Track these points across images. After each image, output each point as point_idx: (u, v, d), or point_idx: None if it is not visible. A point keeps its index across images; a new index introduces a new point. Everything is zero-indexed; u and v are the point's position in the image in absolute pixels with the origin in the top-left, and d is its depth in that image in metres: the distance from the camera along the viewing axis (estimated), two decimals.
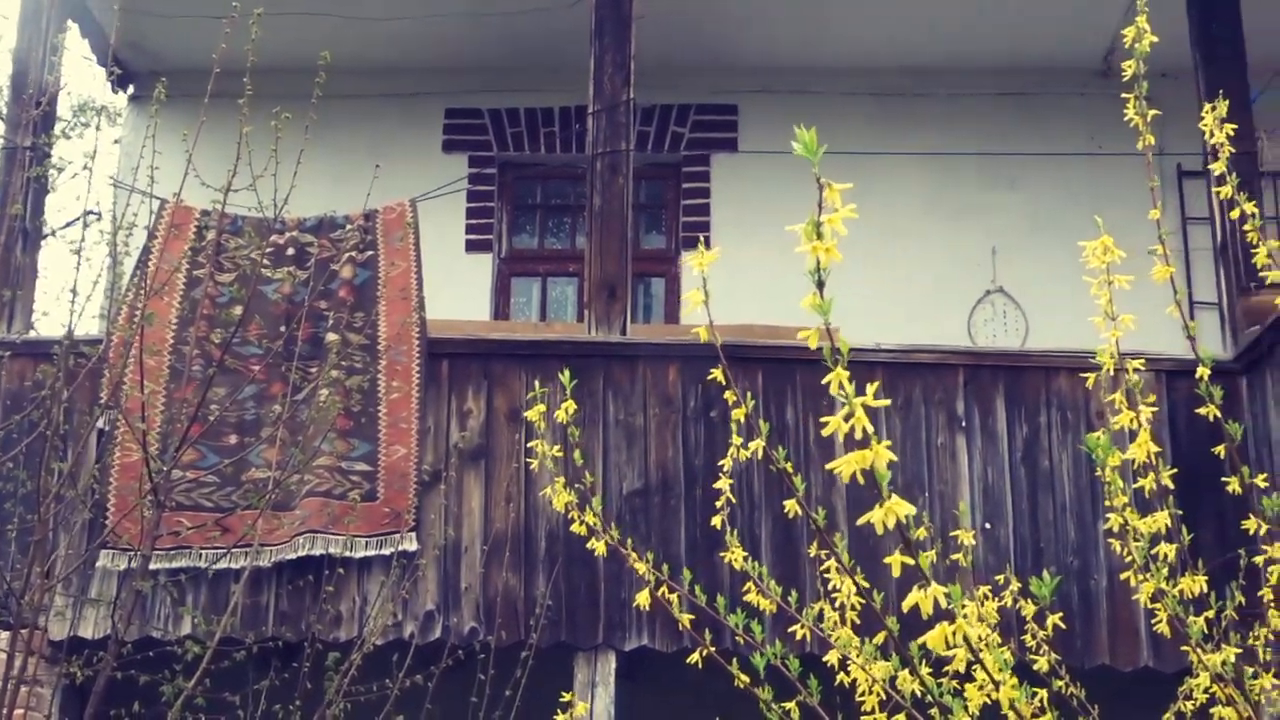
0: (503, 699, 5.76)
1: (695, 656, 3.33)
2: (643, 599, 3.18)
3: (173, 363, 6.67)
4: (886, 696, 2.72)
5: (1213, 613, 3.08)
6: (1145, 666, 6.33)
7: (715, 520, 3.14)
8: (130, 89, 9.54)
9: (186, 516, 6.34)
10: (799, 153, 2.00)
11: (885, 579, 2.17)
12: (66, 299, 5.26)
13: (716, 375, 2.47)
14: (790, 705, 3.07)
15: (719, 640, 3.39)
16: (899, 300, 8.70)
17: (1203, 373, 3.05)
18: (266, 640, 6.13)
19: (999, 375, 6.79)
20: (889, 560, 2.07)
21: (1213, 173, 3.14)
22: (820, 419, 2.03)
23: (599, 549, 3.26)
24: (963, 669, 2.32)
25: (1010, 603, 3.60)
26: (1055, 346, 6.98)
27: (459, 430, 6.70)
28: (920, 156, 8.96)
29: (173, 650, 5.73)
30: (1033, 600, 2.67)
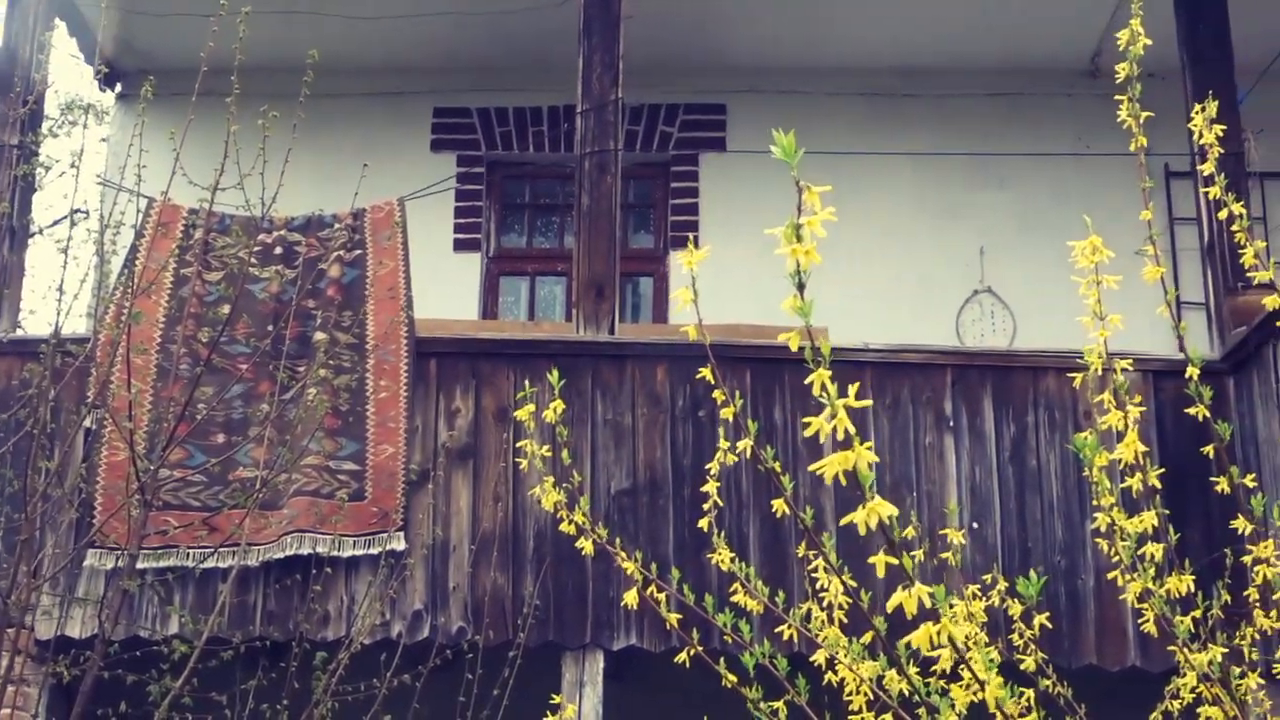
0: (490, 698, 5.76)
1: (683, 656, 3.33)
2: (630, 598, 3.18)
3: (160, 361, 6.66)
4: (874, 696, 2.73)
5: (1199, 612, 3.08)
6: (1132, 666, 6.34)
7: (703, 522, 3.14)
8: (118, 87, 9.53)
9: (174, 515, 6.33)
10: (778, 156, 2.00)
11: (873, 578, 2.17)
12: (53, 298, 5.25)
13: (705, 374, 2.47)
14: (778, 704, 3.07)
15: (707, 639, 3.38)
16: (887, 300, 8.71)
17: (1192, 373, 3.06)
18: (254, 640, 6.12)
19: (987, 375, 6.80)
20: (873, 560, 2.07)
21: (1201, 173, 3.14)
22: (808, 419, 2.02)
23: (587, 548, 3.26)
24: (949, 669, 2.32)
25: (998, 602, 3.60)
26: (1043, 346, 6.99)
27: (447, 430, 6.70)
28: (908, 156, 8.97)
29: (160, 650, 5.72)
30: (1019, 600, 2.67)
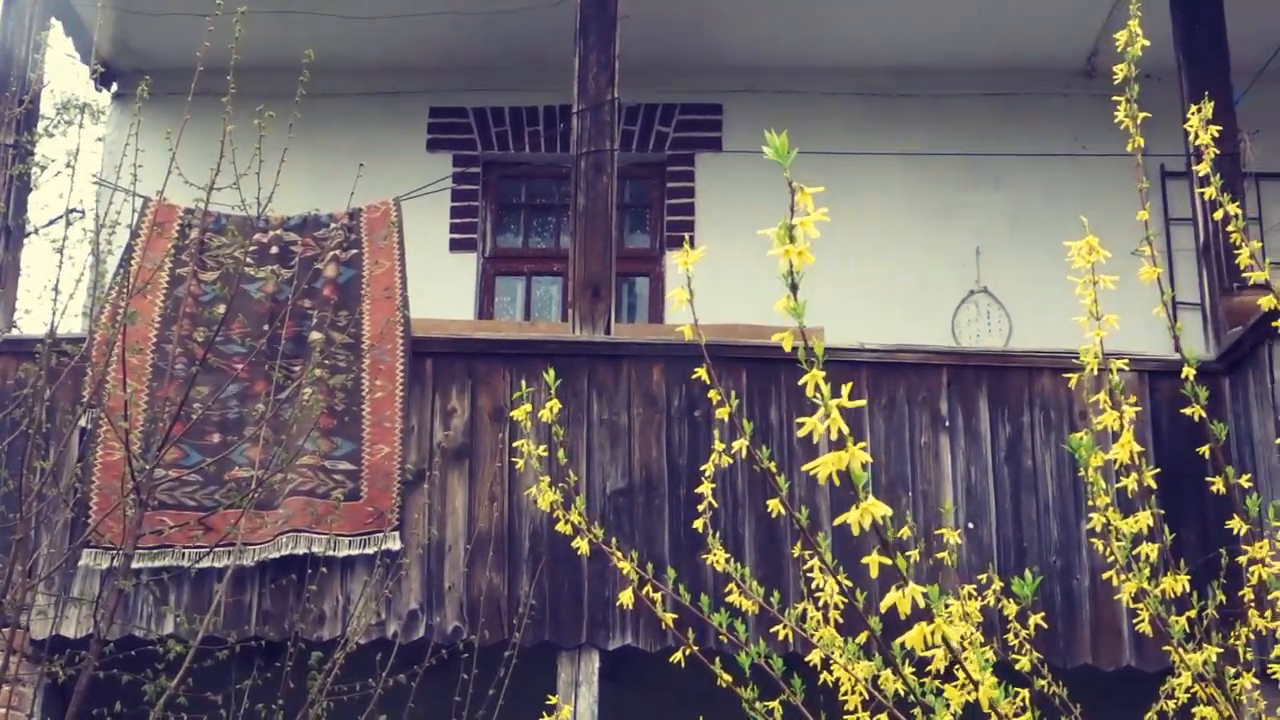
0: (486, 698, 5.76)
1: (678, 655, 3.33)
2: (626, 598, 3.18)
3: (156, 361, 6.66)
4: (869, 696, 2.72)
5: (1194, 612, 3.09)
6: (1128, 666, 6.35)
7: (698, 523, 3.13)
8: (114, 87, 9.52)
9: (169, 515, 6.33)
10: (770, 157, 2.00)
11: (868, 578, 2.17)
12: (49, 297, 5.27)
13: (701, 374, 2.47)
14: (774, 704, 3.07)
15: (703, 639, 3.38)
16: (883, 300, 8.72)
17: (1188, 373, 3.06)
18: (249, 639, 6.11)
19: (982, 375, 6.80)
20: (867, 560, 2.07)
21: (1196, 174, 3.14)
22: (803, 419, 2.02)
23: (583, 548, 3.26)
24: (944, 669, 2.32)
25: (993, 602, 3.61)
26: (1038, 347, 7.00)
27: (443, 429, 6.69)
28: (904, 156, 8.97)
29: (155, 649, 5.71)
30: (1015, 600, 2.67)
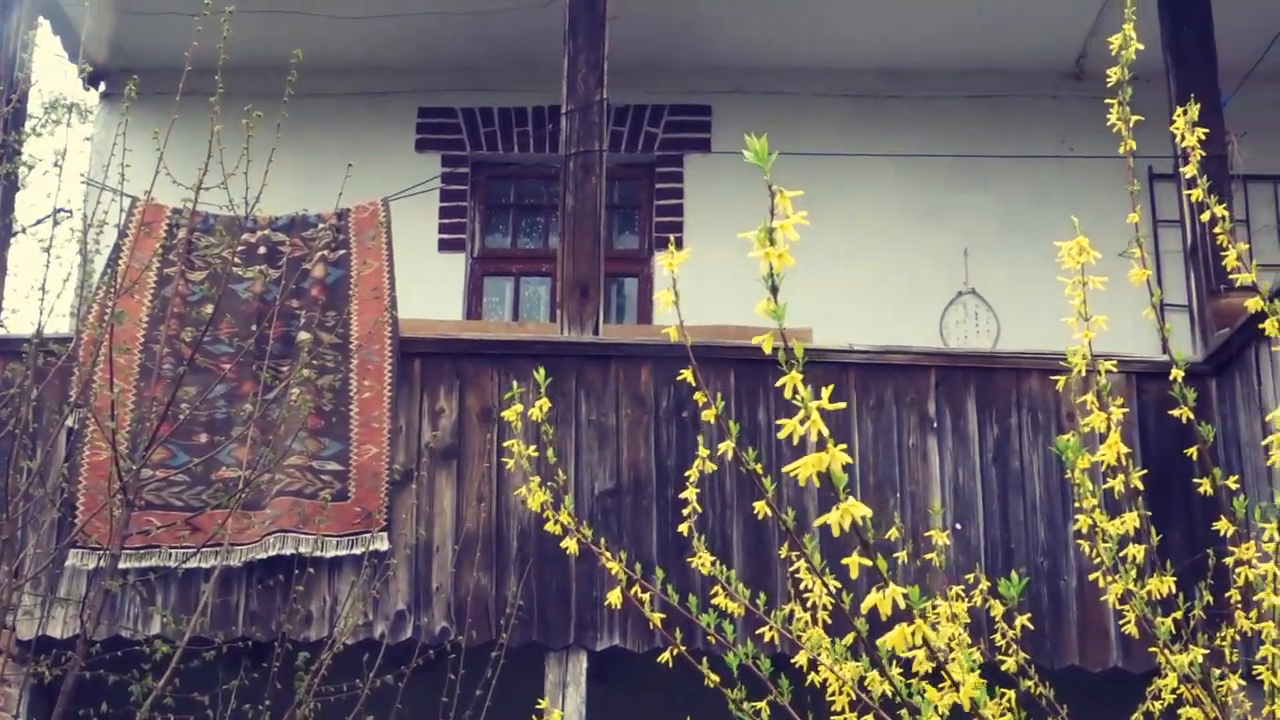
0: (473, 699, 5.75)
1: (666, 656, 3.33)
2: (614, 598, 3.17)
3: (143, 361, 6.64)
4: (856, 697, 2.73)
5: (1180, 613, 3.09)
6: (1114, 667, 6.36)
7: (683, 527, 3.13)
8: (102, 86, 9.50)
9: (156, 515, 6.31)
10: (751, 160, 1.99)
11: (857, 579, 2.17)
12: (36, 297, 5.22)
13: (686, 376, 2.47)
14: (761, 705, 3.07)
15: (690, 640, 3.38)
16: (871, 301, 8.72)
17: (1177, 374, 3.06)
18: (236, 640, 6.10)
19: (970, 376, 6.81)
20: (847, 561, 2.07)
21: (1184, 176, 3.15)
22: (791, 420, 2.02)
23: (571, 548, 3.25)
24: (931, 669, 2.32)
25: (980, 603, 3.61)
26: (1026, 348, 7.00)
27: (431, 430, 6.69)
28: (893, 158, 8.98)
29: (142, 650, 5.70)
30: (1001, 601, 2.67)
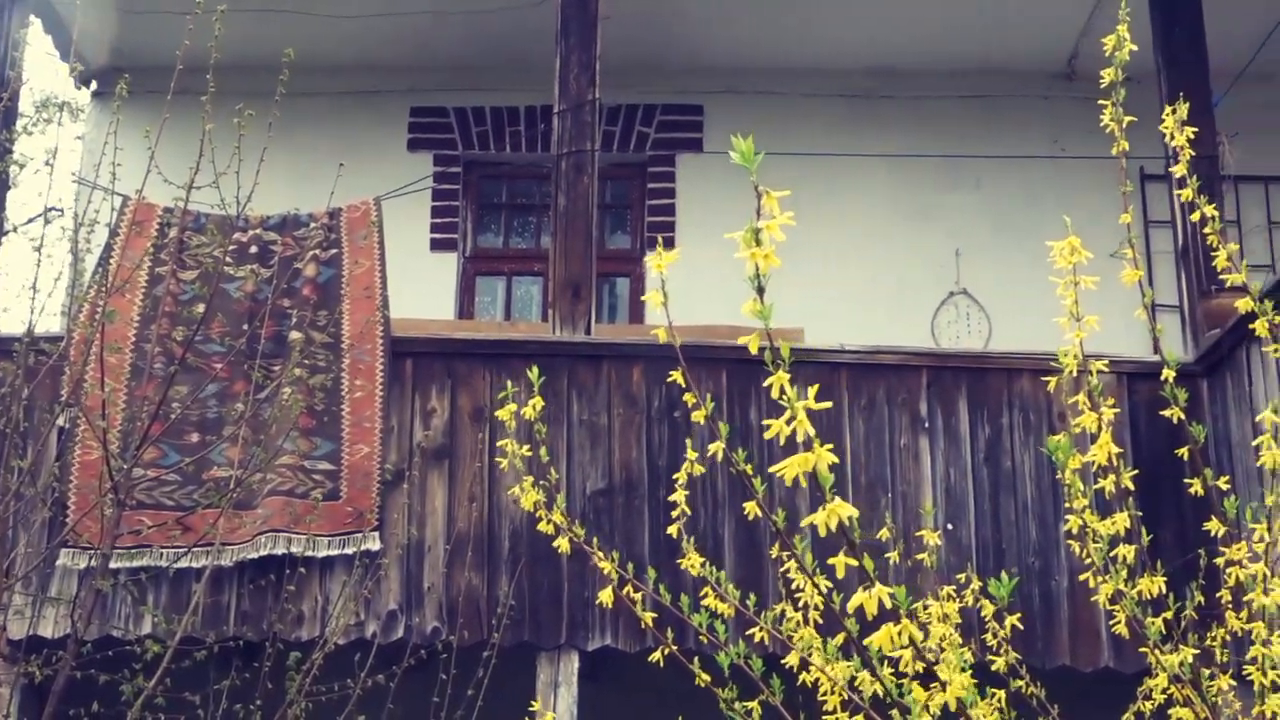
0: (465, 699, 5.75)
1: (657, 655, 3.32)
2: (605, 596, 3.17)
3: (134, 360, 6.64)
4: (848, 697, 2.73)
5: (1171, 614, 3.09)
6: (1106, 667, 6.36)
7: (672, 529, 3.12)
8: (93, 85, 9.48)
9: (147, 515, 6.30)
10: (737, 161, 1.99)
11: (848, 579, 2.17)
12: (27, 296, 5.22)
13: (676, 377, 2.47)
14: (753, 705, 3.07)
15: (682, 640, 3.38)
16: (863, 301, 8.73)
17: (1168, 375, 3.06)
18: (228, 640, 6.09)
19: (962, 377, 6.82)
20: (833, 561, 2.07)
21: (1174, 176, 3.15)
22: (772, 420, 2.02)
23: (564, 547, 3.25)
24: (921, 669, 2.33)
25: (972, 603, 3.61)
26: (1017, 348, 7.01)
27: (423, 429, 6.68)
28: (885, 158, 8.99)
29: (133, 649, 5.69)
30: (991, 601, 2.68)
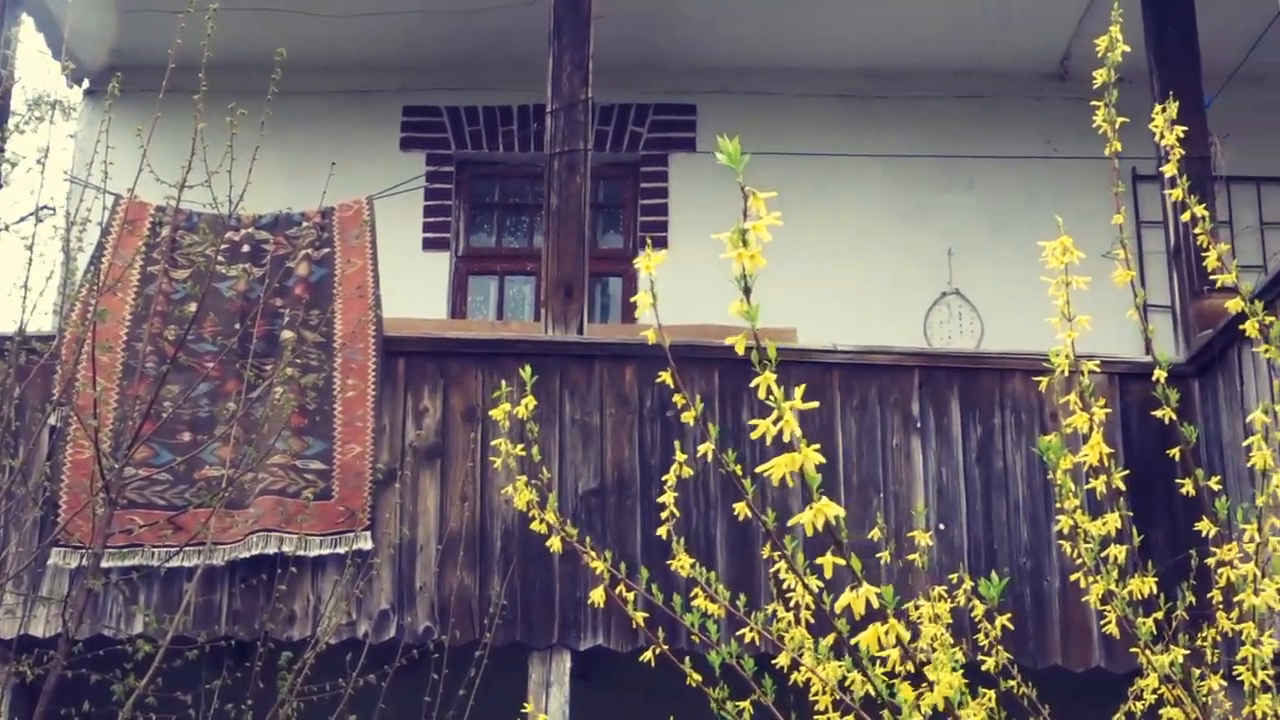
0: (456, 698, 5.75)
1: (648, 655, 3.32)
2: (597, 596, 3.17)
3: (126, 359, 6.63)
4: (839, 697, 2.73)
5: (1162, 614, 3.09)
6: (1097, 667, 6.37)
7: (661, 530, 3.12)
8: (85, 83, 9.46)
9: (139, 514, 6.30)
10: (723, 162, 1.99)
11: (841, 579, 2.17)
12: (19, 295, 5.21)
13: (665, 379, 2.47)
14: (744, 704, 3.07)
15: (674, 640, 3.38)
16: (856, 301, 8.73)
17: (1159, 375, 3.06)
18: (219, 639, 6.09)
19: (954, 377, 6.82)
20: (821, 561, 2.07)
21: (1165, 176, 3.15)
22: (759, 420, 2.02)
23: (556, 547, 3.25)
24: (912, 669, 2.33)
25: (963, 603, 3.61)
26: (1010, 348, 7.01)
27: (415, 429, 6.68)
28: (878, 158, 8.99)
29: (124, 649, 5.68)
30: (982, 601, 2.68)
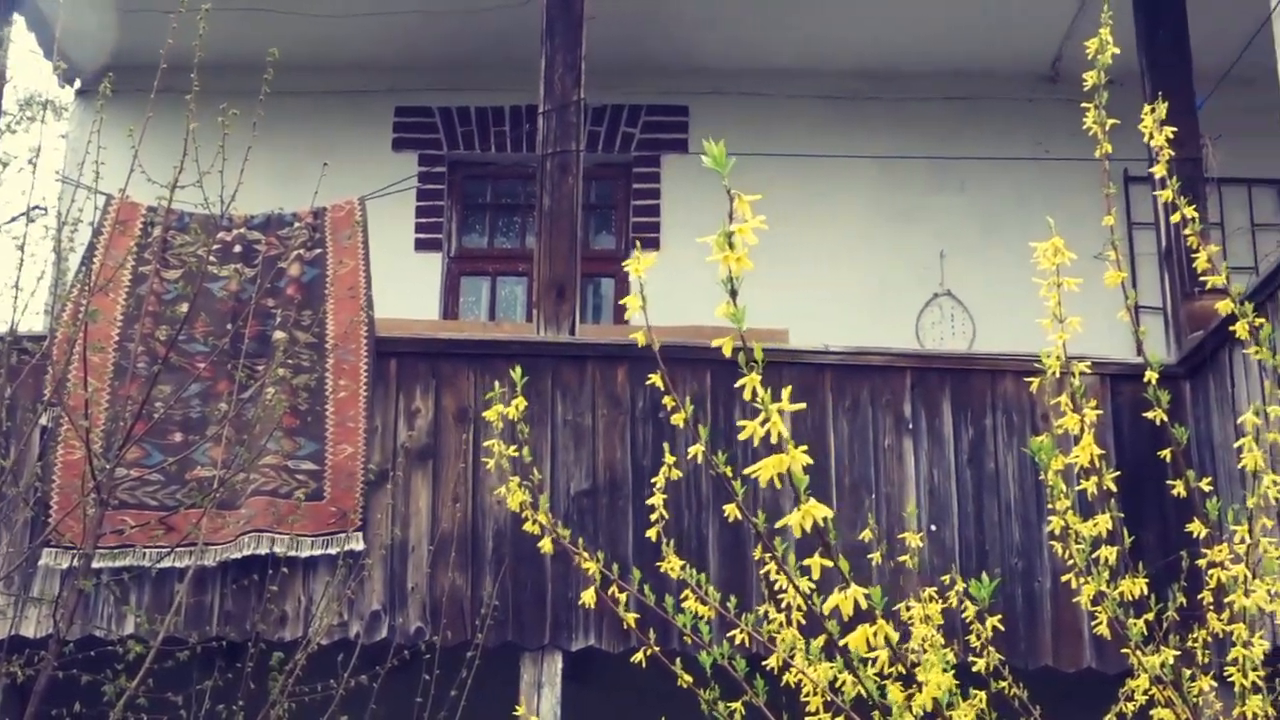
0: (448, 699, 5.75)
1: (639, 656, 3.32)
2: (588, 597, 3.17)
3: (118, 360, 6.62)
4: (830, 699, 2.73)
5: (1153, 615, 3.10)
6: (1088, 668, 6.37)
7: (650, 532, 3.12)
8: (77, 83, 9.46)
9: (130, 515, 6.29)
10: (708, 165, 1.98)
11: (832, 580, 2.17)
12: (10, 295, 5.20)
13: (655, 380, 2.46)
14: (736, 705, 3.07)
15: (666, 640, 3.37)
16: (849, 302, 8.74)
17: (1151, 377, 3.06)
18: (210, 640, 6.08)
19: (946, 378, 6.83)
20: (809, 562, 2.07)
21: (1154, 175, 3.16)
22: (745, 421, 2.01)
23: (546, 547, 3.24)
24: (903, 670, 2.33)
25: (955, 604, 3.61)
26: (1002, 350, 7.02)
27: (407, 430, 6.68)
28: (870, 159, 8.99)
29: (115, 649, 5.68)
30: (973, 602, 2.68)
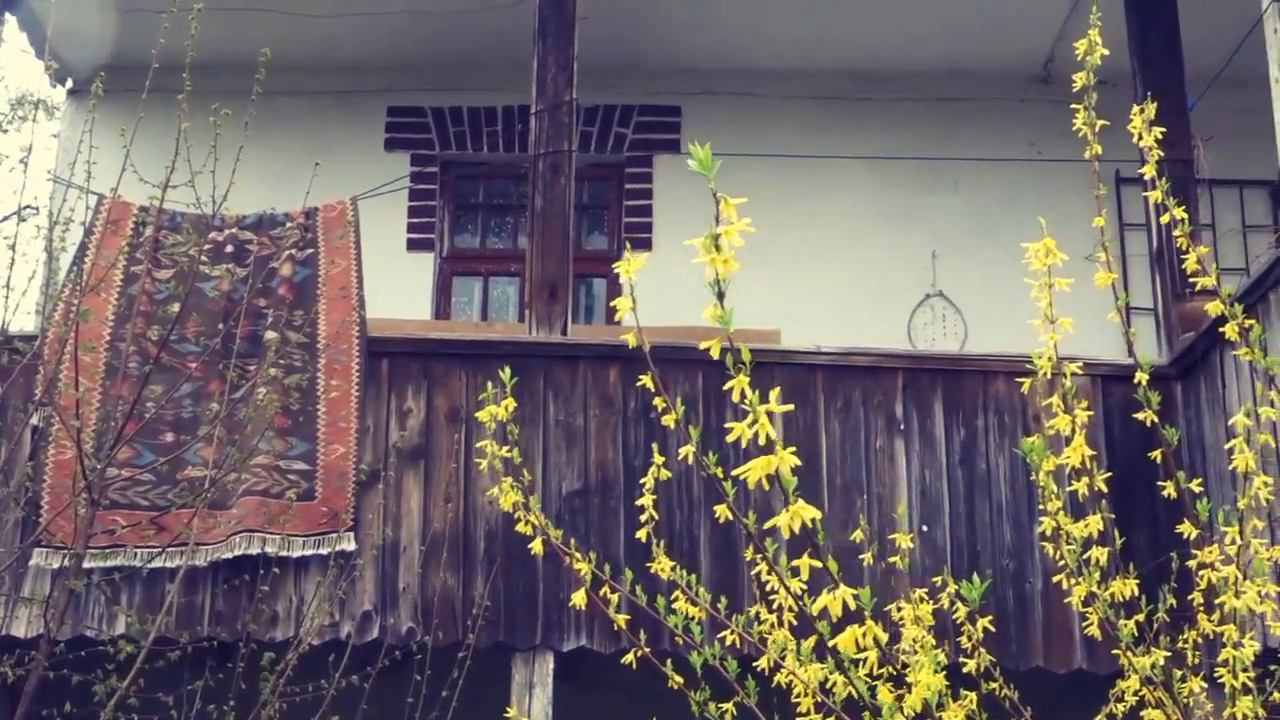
0: (439, 699, 5.74)
1: (630, 657, 3.32)
2: (578, 598, 3.17)
3: (109, 360, 6.61)
4: (820, 700, 2.73)
5: (1144, 616, 3.10)
6: (1079, 669, 6.38)
7: (641, 533, 3.11)
8: (69, 83, 9.44)
9: (121, 515, 6.28)
10: (694, 168, 1.98)
11: (823, 581, 2.17)
12: (1, 294, 5.19)
13: (646, 381, 2.47)
14: (727, 706, 3.07)
15: (657, 641, 3.37)
16: (841, 303, 8.74)
17: (1141, 378, 3.07)
18: (201, 640, 6.08)
19: (937, 379, 6.83)
20: (798, 563, 2.07)
21: (1144, 176, 3.16)
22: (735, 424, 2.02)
23: (536, 548, 3.24)
24: (893, 671, 2.33)
25: (947, 605, 3.62)
26: (993, 350, 7.03)
27: (398, 430, 6.67)
28: (862, 160, 9.00)
29: (106, 649, 5.67)
30: (965, 603, 2.68)
